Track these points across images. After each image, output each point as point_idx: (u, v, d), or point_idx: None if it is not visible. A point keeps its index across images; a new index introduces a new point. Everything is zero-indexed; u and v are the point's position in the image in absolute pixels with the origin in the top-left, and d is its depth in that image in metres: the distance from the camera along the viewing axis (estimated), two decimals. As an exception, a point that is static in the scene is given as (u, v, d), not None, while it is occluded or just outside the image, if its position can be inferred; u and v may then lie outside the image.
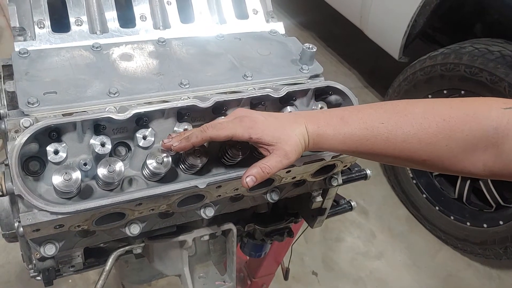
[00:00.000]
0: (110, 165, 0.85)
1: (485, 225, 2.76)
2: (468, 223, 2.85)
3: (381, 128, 0.84)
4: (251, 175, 0.86)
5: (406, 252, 3.03)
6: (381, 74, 4.41)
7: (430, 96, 2.80)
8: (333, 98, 1.13)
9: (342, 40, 4.85)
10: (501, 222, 2.68)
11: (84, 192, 0.88)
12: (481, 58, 2.46)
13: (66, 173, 0.82)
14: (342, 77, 4.43)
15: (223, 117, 0.95)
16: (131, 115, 0.88)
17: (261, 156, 0.98)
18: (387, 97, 3.11)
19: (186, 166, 0.95)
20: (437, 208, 3.02)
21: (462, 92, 2.62)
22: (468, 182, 2.88)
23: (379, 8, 3.28)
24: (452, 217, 2.95)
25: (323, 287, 2.76)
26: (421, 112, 0.84)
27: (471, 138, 0.80)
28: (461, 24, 3.28)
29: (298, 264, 2.80)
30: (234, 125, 0.86)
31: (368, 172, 1.39)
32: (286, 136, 0.86)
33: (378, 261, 2.96)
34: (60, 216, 0.82)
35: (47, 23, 1.10)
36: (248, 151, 0.98)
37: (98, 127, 0.91)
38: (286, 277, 2.14)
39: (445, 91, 2.72)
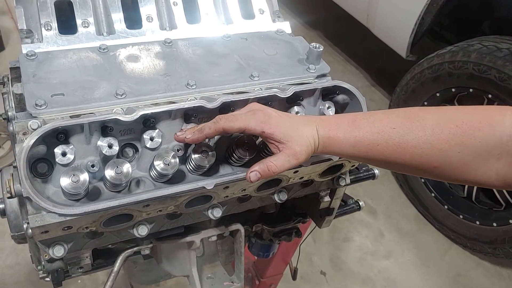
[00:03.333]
0: (117, 167, 0.85)
1: (494, 224, 2.74)
2: (478, 222, 2.83)
3: (392, 133, 0.83)
4: (256, 170, 0.86)
5: (415, 252, 3.02)
6: (389, 73, 4.40)
7: (437, 94, 2.78)
8: (340, 97, 1.13)
9: (349, 39, 4.84)
10: (511, 221, 2.66)
11: (92, 194, 0.88)
12: (490, 56, 2.44)
13: (74, 175, 0.82)
14: (349, 76, 4.41)
15: (237, 111, 0.95)
16: (138, 116, 0.88)
17: (269, 155, 0.98)
18: (395, 96, 3.10)
19: (193, 167, 0.95)
20: (446, 207, 3.00)
21: (470, 90, 2.60)
22: (477, 180, 2.86)
23: (386, 6, 3.27)
24: (461, 216, 2.92)
25: (331, 287, 2.75)
26: (433, 118, 0.83)
27: (484, 146, 0.79)
28: (469, 21, 3.26)
29: (306, 264, 2.79)
30: (248, 118, 0.86)
31: (376, 171, 1.39)
32: (297, 136, 0.85)
33: (387, 261, 2.94)
34: (68, 218, 0.82)
35: (54, 25, 1.10)
36: (256, 152, 0.98)
37: (106, 128, 0.91)
38: (294, 277, 2.13)
39: (453, 89, 2.70)
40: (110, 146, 0.89)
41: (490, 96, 2.52)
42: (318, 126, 0.87)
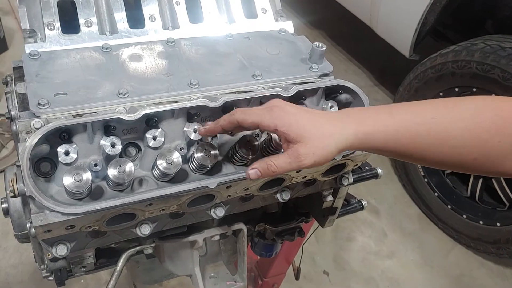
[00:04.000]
0: (120, 166, 0.85)
1: (498, 224, 2.73)
2: (481, 222, 2.82)
3: (433, 123, 0.80)
4: (256, 168, 0.85)
5: (418, 252, 3.01)
6: (392, 72, 4.39)
7: (441, 94, 2.77)
8: (343, 96, 1.12)
9: (352, 38, 4.83)
10: (514, 221, 2.65)
11: (94, 193, 0.88)
12: (493, 55, 2.43)
13: (76, 174, 0.82)
14: (352, 76, 4.41)
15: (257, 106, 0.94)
16: (141, 115, 0.89)
17: (271, 154, 0.98)
18: (398, 96, 3.09)
19: (196, 166, 0.95)
20: (449, 206, 2.99)
21: (474, 89, 2.59)
22: (481, 180, 2.85)
23: (389, 5, 3.26)
24: (464, 216, 2.92)
25: (334, 286, 2.74)
26: (472, 107, 0.80)
27: None
28: (472, 21, 3.25)
29: (309, 264, 2.79)
30: (263, 113, 0.84)
31: (379, 171, 1.38)
32: (315, 136, 0.81)
33: (390, 261, 2.94)
34: (71, 217, 0.82)
35: (57, 24, 1.11)
36: (258, 151, 0.98)
37: (108, 128, 0.91)
38: (297, 276, 2.13)
39: (456, 89, 2.69)
40: (113, 145, 0.89)
41: (493, 95, 2.51)
42: (351, 122, 0.83)
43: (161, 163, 0.89)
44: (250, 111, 0.86)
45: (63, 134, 0.87)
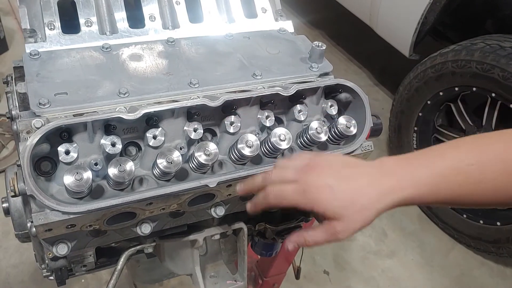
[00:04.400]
0: (120, 165, 0.85)
1: (498, 223, 2.73)
2: (481, 221, 2.82)
3: (471, 171, 0.80)
4: (294, 242, 0.87)
5: (418, 251, 3.01)
6: (392, 72, 4.39)
7: (441, 93, 2.78)
8: (343, 96, 1.13)
9: (351, 38, 4.83)
10: (515, 220, 2.65)
11: (95, 192, 0.89)
12: (493, 55, 2.43)
13: (77, 173, 0.82)
14: (352, 76, 4.41)
15: (292, 162, 0.90)
16: (141, 114, 0.89)
17: (271, 154, 0.98)
18: (398, 95, 3.09)
19: (196, 165, 0.95)
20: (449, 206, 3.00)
21: (474, 89, 2.59)
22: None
23: (389, 5, 3.26)
24: (464, 215, 2.92)
25: (335, 286, 2.75)
26: (501, 146, 0.81)
27: None
28: (472, 20, 3.25)
29: (309, 263, 2.79)
30: (298, 196, 0.83)
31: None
32: (351, 212, 0.81)
33: (390, 260, 2.94)
34: (71, 216, 0.83)
35: (57, 24, 1.11)
36: (258, 150, 0.98)
37: (109, 127, 0.91)
38: (297, 276, 2.13)
39: (456, 88, 2.69)
40: (113, 145, 0.89)
41: (493, 95, 2.51)
42: (390, 190, 0.81)
43: (162, 162, 0.89)
44: (283, 194, 0.85)
45: (64, 134, 0.88)
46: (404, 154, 0.87)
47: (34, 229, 0.84)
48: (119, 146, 0.90)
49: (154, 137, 0.94)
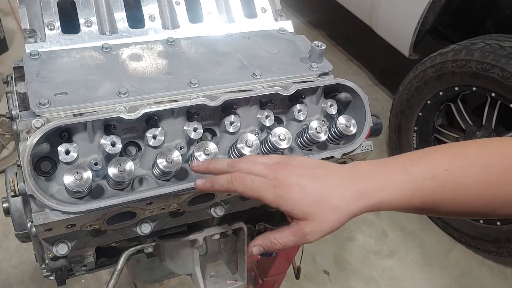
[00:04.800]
0: (120, 165, 0.85)
1: (498, 223, 2.72)
2: (481, 221, 2.82)
3: (447, 176, 0.78)
4: (259, 245, 0.82)
5: (419, 251, 3.01)
6: (392, 72, 4.39)
7: (441, 93, 2.78)
8: (342, 95, 1.13)
9: (351, 38, 4.83)
10: (515, 220, 2.65)
11: (95, 192, 0.89)
12: (493, 54, 2.43)
13: (77, 173, 0.82)
14: (352, 76, 4.41)
15: (261, 158, 0.85)
16: (141, 114, 0.89)
17: (271, 150, 0.98)
18: (398, 95, 3.09)
19: (196, 165, 0.95)
20: (449, 206, 2.99)
21: (474, 88, 2.59)
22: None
23: (388, 5, 3.26)
24: (465, 215, 2.91)
25: (335, 286, 2.75)
26: (478, 153, 0.79)
27: None
28: (472, 20, 3.25)
29: (309, 263, 2.79)
30: (266, 189, 0.78)
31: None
32: (321, 212, 0.76)
33: (390, 260, 2.94)
34: (71, 216, 0.83)
35: (57, 24, 1.11)
36: (258, 150, 0.98)
37: (109, 127, 0.91)
38: (297, 276, 2.13)
39: (456, 88, 2.69)
40: (113, 144, 0.89)
41: (493, 94, 2.51)
42: (364, 192, 0.78)
43: (161, 162, 0.89)
44: (251, 184, 0.79)
45: (64, 133, 0.88)
46: (379, 159, 0.84)
47: (34, 229, 0.84)
48: (119, 146, 0.90)
49: (154, 137, 0.94)
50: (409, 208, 0.81)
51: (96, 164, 0.91)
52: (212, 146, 0.94)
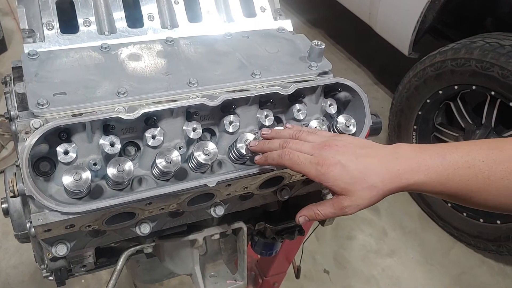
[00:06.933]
0: (119, 165, 0.85)
1: (498, 222, 2.73)
2: (481, 220, 2.82)
3: (482, 166, 0.81)
4: (305, 215, 0.91)
5: (419, 250, 3.01)
6: (391, 71, 4.39)
7: (440, 92, 2.78)
8: (342, 95, 1.12)
9: (351, 37, 4.83)
10: (515, 219, 2.65)
11: (94, 192, 0.88)
12: (492, 53, 2.43)
13: (76, 173, 0.82)
14: (351, 75, 4.41)
15: (311, 137, 0.92)
16: (140, 114, 0.89)
17: None
18: (397, 94, 3.09)
19: (195, 165, 0.95)
20: (449, 204, 3.00)
21: (473, 87, 2.59)
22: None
23: (388, 4, 3.26)
24: (464, 214, 2.92)
25: (335, 285, 2.75)
26: None
27: None
28: (472, 18, 3.25)
29: (309, 263, 2.79)
30: (310, 166, 0.85)
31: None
32: (359, 189, 0.83)
33: (390, 259, 2.94)
34: (70, 216, 0.83)
35: (56, 24, 1.11)
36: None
37: (107, 127, 0.91)
38: (297, 275, 2.13)
39: (455, 87, 2.69)
40: (112, 145, 0.89)
41: (493, 93, 2.51)
42: (403, 172, 0.83)
43: (161, 162, 0.89)
44: (298, 159, 0.87)
45: (62, 134, 0.87)
46: (421, 144, 0.89)
47: (33, 229, 0.84)
48: (118, 146, 0.89)
49: (153, 137, 0.94)
50: (442, 193, 0.85)
51: (95, 164, 0.90)
52: (211, 146, 0.94)
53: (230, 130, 1.01)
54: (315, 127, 1.05)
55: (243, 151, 0.97)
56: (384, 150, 0.88)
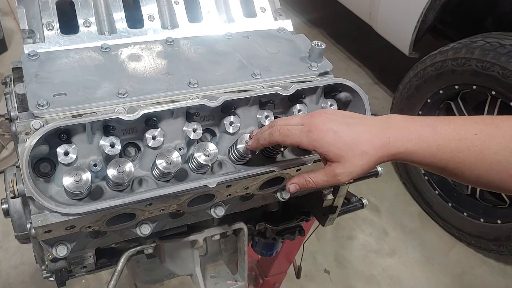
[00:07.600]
0: (119, 166, 0.85)
1: (499, 221, 2.72)
2: (482, 219, 2.82)
3: (474, 139, 0.80)
4: (295, 183, 0.90)
5: (419, 249, 3.01)
6: (391, 71, 4.39)
7: (441, 91, 2.77)
8: (342, 95, 1.12)
9: (351, 37, 4.83)
10: (515, 218, 2.65)
11: (94, 193, 0.88)
12: (493, 52, 2.42)
13: (76, 174, 0.82)
14: (352, 74, 4.41)
15: (299, 113, 0.94)
16: (140, 115, 0.88)
17: (270, 154, 0.98)
18: (398, 93, 3.09)
19: (196, 165, 0.95)
20: (450, 204, 2.99)
21: (474, 87, 2.59)
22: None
23: (388, 3, 3.26)
24: (465, 214, 2.92)
25: (335, 285, 2.75)
26: (509, 124, 0.81)
27: None
28: (472, 18, 3.24)
29: (310, 263, 2.79)
30: (301, 135, 0.85)
31: (380, 169, 1.38)
32: (352, 155, 0.82)
33: (391, 259, 2.94)
34: (71, 217, 0.82)
35: (56, 25, 1.11)
36: (258, 150, 0.97)
37: (108, 128, 0.91)
38: (298, 275, 2.13)
39: (456, 86, 2.69)
40: (112, 145, 0.89)
41: (493, 93, 2.51)
42: (393, 140, 0.83)
43: (161, 163, 0.89)
44: (288, 132, 0.87)
45: (63, 135, 0.87)
46: (412, 116, 0.88)
47: (33, 230, 0.84)
48: (118, 147, 0.89)
49: (153, 138, 0.94)
50: (433, 165, 0.85)
51: (95, 165, 0.90)
52: (211, 147, 0.94)
53: (231, 130, 1.01)
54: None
55: (243, 152, 0.96)
56: (375, 120, 0.88)
